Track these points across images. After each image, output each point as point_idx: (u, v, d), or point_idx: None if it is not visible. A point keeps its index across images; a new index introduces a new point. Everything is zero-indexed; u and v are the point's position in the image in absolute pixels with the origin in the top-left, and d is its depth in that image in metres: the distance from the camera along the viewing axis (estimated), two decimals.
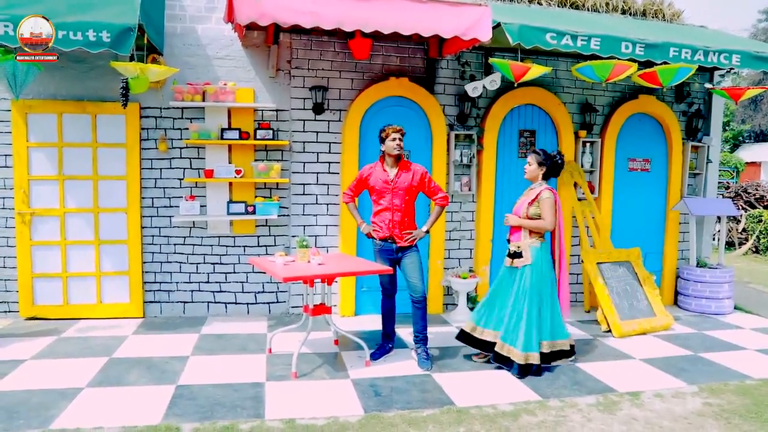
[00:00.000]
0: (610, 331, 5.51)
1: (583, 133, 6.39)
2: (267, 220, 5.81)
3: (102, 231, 5.57)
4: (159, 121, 5.61)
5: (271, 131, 5.65)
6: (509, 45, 4.87)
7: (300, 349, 4.33)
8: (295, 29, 5.30)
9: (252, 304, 5.89)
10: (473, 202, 6.24)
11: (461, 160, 6.08)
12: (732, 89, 5.82)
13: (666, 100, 6.67)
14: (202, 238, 5.76)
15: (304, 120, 5.78)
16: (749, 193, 12.78)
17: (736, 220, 11.87)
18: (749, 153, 21.85)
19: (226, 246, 5.80)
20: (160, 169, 5.65)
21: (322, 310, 4.48)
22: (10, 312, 5.54)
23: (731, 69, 5.91)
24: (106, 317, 5.58)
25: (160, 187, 5.66)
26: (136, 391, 3.89)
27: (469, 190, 6.15)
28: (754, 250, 11.40)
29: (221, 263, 5.80)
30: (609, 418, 3.67)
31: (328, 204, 5.89)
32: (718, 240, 7.95)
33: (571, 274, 6.52)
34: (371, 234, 4.58)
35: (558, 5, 6.15)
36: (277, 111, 5.78)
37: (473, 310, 4.74)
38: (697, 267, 6.51)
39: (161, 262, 5.70)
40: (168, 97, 5.52)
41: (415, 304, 4.48)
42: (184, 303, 5.78)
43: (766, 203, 12.54)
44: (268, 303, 5.92)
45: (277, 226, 5.87)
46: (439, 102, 5.97)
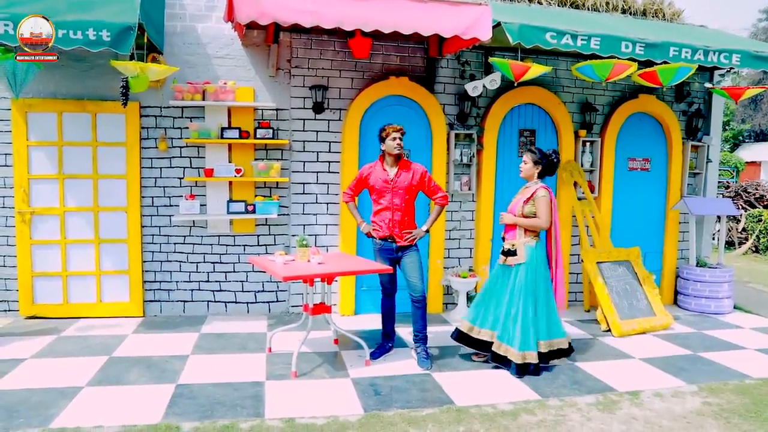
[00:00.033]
0: (609, 330, 5.51)
1: (583, 132, 6.39)
2: (267, 219, 5.81)
3: (102, 230, 5.58)
4: (159, 120, 5.61)
5: (271, 130, 5.65)
6: (509, 44, 4.87)
7: (300, 348, 4.34)
8: (295, 28, 5.31)
9: (252, 303, 5.89)
10: (473, 201, 6.24)
11: (461, 160, 6.09)
12: (732, 89, 5.82)
13: (666, 100, 6.67)
14: (202, 237, 5.76)
15: (304, 119, 5.78)
16: (749, 192, 12.78)
17: (735, 219, 11.87)
18: (749, 152, 21.84)
19: (226, 245, 5.80)
20: (160, 168, 5.65)
21: (322, 309, 4.49)
22: (10, 311, 5.54)
23: (731, 68, 5.91)
24: (105, 316, 5.58)
25: (160, 186, 5.66)
26: (136, 390, 3.89)
27: (469, 189, 6.15)
28: (753, 249, 11.41)
29: (221, 262, 5.80)
30: (608, 417, 3.67)
31: (327, 203, 5.89)
32: (717, 239, 7.94)
33: (570, 274, 6.54)
34: (371, 233, 4.58)
35: (558, 5, 6.15)
36: (277, 110, 5.78)
37: (468, 308, 4.74)
38: (696, 266, 6.52)
39: (161, 261, 5.71)
40: (168, 96, 5.52)
41: (414, 304, 4.49)
42: (184, 302, 5.79)
43: (766, 203, 12.54)
44: (268, 302, 5.93)
45: (277, 225, 5.87)
46: (439, 101, 5.97)
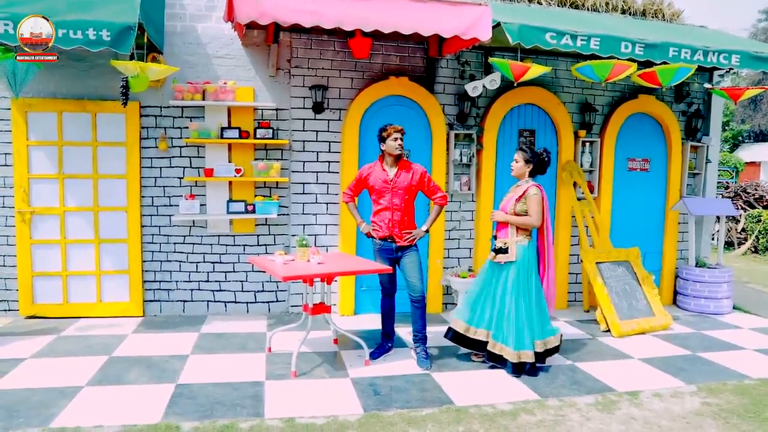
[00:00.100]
0: (609, 330, 5.51)
1: (582, 132, 6.40)
2: (267, 219, 5.81)
3: (102, 230, 5.58)
4: (159, 120, 5.61)
5: (270, 130, 5.65)
6: (509, 44, 4.87)
7: (299, 348, 4.34)
8: (295, 28, 5.31)
9: (252, 303, 5.90)
10: (473, 201, 6.24)
11: (461, 160, 6.09)
12: (731, 89, 5.83)
13: (665, 100, 6.68)
14: (201, 237, 5.76)
15: (304, 119, 5.79)
16: (748, 193, 12.79)
17: (735, 220, 11.88)
18: (749, 153, 21.85)
19: (226, 245, 5.81)
20: (160, 167, 5.66)
21: (322, 309, 4.49)
22: (9, 311, 5.54)
23: (731, 69, 5.91)
24: (105, 316, 5.59)
25: (160, 186, 5.66)
26: (136, 390, 3.90)
27: (469, 189, 6.15)
28: (753, 250, 11.42)
29: (221, 262, 5.81)
30: (607, 417, 3.68)
31: (327, 203, 5.89)
32: (717, 240, 7.95)
33: (570, 274, 6.54)
34: (371, 233, 4.59)
35: (558, 5, 6.15)
36: (276, 110, 5.78)
37: (458, 306, 4.70)
38: (696, 267, 6.52)
39: (161, 261, 5.71)
40: (168, 95, 5.53)
41: (414, 304, 4.49)
42: (184, 302, 5.79)
43: (766, 203, 12.55)
44: (268, 302, 5.93)
45: (277, 225, 5.88)
46: (438, 101, 5.98)
